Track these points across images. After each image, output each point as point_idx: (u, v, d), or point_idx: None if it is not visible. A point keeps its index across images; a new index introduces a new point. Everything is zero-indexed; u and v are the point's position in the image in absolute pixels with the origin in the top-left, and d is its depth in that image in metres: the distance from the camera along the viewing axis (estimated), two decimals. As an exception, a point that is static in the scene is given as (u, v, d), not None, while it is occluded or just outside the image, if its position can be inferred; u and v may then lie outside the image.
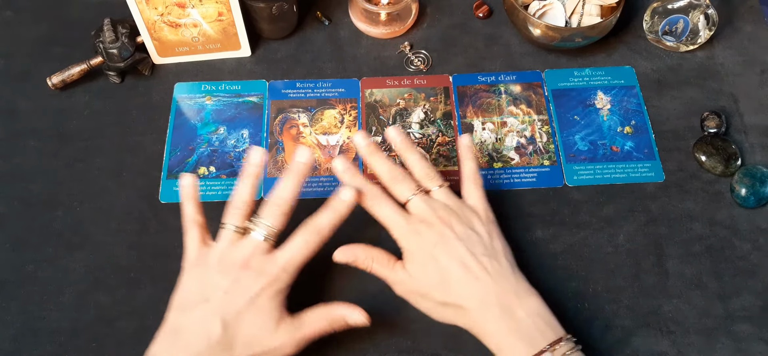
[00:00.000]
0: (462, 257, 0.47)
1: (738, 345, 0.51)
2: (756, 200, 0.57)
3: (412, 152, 0.53)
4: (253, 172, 0.49)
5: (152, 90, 0.65)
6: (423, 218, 0.49)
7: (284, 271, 0.46)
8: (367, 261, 0.50)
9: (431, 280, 0.48)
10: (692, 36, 0.66)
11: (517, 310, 0.45)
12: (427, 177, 0.51)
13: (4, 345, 0.51)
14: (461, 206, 0.50)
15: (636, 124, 0.63)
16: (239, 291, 0.45)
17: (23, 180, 0.59)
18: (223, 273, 0.45)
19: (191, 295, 0.46)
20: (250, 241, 0.47)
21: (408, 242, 0.49)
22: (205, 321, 0.44)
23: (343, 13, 0.70)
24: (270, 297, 0.45)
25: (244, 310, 0.44)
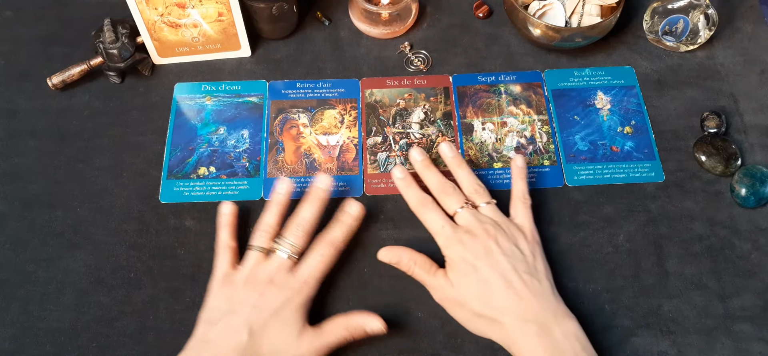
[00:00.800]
0: (504, 271, 0.48)
1: (738, 345, 0.51)
2: (756, 200, 0.57)
3: (463, 168, 0.55)
4: (280, 201, 0.53)
5: (152, 90, 0.65)
6: (468, 229, 0.50)
7: (306, 284, 0.49)
8: (409, 264, 0.51)
9: (470, 290, 0.48)
10: (692, 36, 0.66)
11: (555, 330, 0.46)
12: (476, 193, 0.53)
13: (5, 345, 0.51)
14: (508, 223, 0.52)
15: (636, 124, 0.63)
16: (265, 304, 0.47)
17: (23, 180, 0.59)
18: (250, 288, 0.48)
19: (219, 309, 0.48)
20: (275, 259, 0.50)
21: (451, 250, 0.50)
22: (232, 330, 0.46)
23: (343, 13, 0.70)
24: (294, 310, 0.48)
25: (270, 321, 0.47)
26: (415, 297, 0.53)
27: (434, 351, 0.51)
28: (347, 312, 0.50)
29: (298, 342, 0.47)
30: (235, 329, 0.46)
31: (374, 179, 0.59)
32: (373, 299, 0.53)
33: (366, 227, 0.57)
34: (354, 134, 0.62)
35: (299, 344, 0.47)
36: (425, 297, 0.53)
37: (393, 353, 0.51)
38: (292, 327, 0.47)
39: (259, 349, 0.46)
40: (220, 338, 0.46)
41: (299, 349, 0.47)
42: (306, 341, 0.47)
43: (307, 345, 0.47)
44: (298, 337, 0.47)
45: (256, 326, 0.46)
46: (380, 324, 0.49)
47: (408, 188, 0.54)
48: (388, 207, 0.58)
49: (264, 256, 0.50)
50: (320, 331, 0.48)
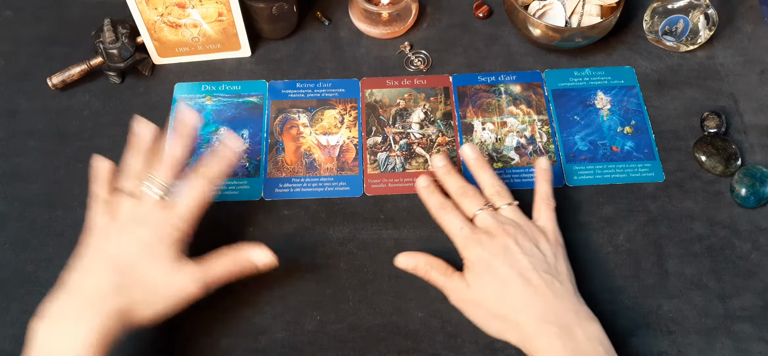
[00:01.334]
0: (523, 269, 0.47)
1: (738, 345, 0.51)
2: (756, 200, 0.57)
3: (485, 170, 0.54)
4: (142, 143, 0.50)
5: (152, 90, 0.65)
6: (487, 230, 0.50)
7: (180, 219, 0.47)
8: (426, 269, 0.51)
9: (488, 290, 0.48)
10: (692, 36, 0.66)
11: (578, 332, 0.45)
12: (498, 194, 0.52)
13: (5, 345, 0.51)
14: (529, 224, 0.51)
15: (636, 124, 0.63)
16: (134, 243, 0.46)
17: (23, 180, 0.59)
18: (122, 231, 0.47)
19: (88, 257, 0.46)
20: (145, 199, 0.47)
21: (469, 251, 0.49)
22: (98, 271, 0.45)
23: (343, 13, 0.70)
24: (167, 245, 0.46)
25: (139, 258, 0.46)
26: (415, 297, 0.53)
27: (434, 351, 0.51)
28: (235, 245, 0.48)
29: (175, 275, 0.46)
30: (103, 268, 0.45)
31: (374, 179, 0.59)
32: (374, 299, 0.53)
33: (366, 227, 0.57)
34: (354, 134, 0.62)
35: (175, 276, 0.46)
36: (425, 297, 0.53)
37: (393, 353, 0.51)
38: (165, 260, 0.46)
39: (127, 283, 0.45)
40: (83, 280, 0.45)
41: (176, 281, 0.46)
42: (186, 273, 0.46)
43: (188, 276, 0.46)
44: (173, 270, 0.46)
45: (123, 262, 0.45)
46: (269, 255, 0.48)
47: (430, 194, 0.54)
48: (388, 207, 0.58)
49: (134, 199, 0.48)
50: (203, 263, 0.47)
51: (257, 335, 0.52)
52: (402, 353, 0.51)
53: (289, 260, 0.55)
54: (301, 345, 0.51)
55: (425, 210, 0.57)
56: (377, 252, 0.55)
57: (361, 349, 0.51)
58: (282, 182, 0.59)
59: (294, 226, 0.57)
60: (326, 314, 0.53)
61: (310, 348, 0.51)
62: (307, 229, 0.57)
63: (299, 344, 0.51)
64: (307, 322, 0.52)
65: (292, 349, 0.51)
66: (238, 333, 0.52)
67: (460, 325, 0.52)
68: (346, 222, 0.57)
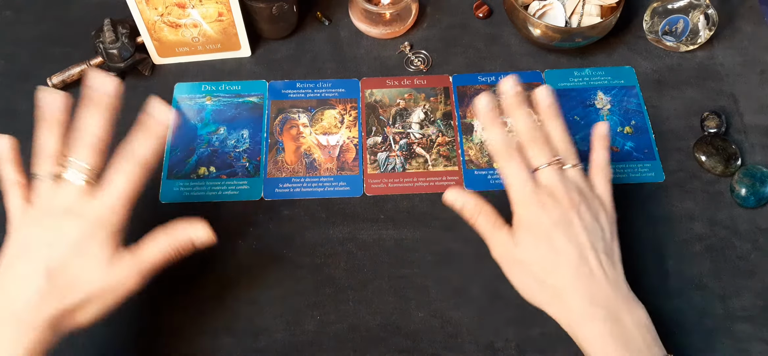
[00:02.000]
0: (582, 246, 0.44)
1: (738, 345, 0.51)
2: (756, 200, 0.57)
3: (558, 120, 0.49)
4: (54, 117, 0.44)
5: (152, 90, 0.64)
6: (552, 192, 0.45)
7: (111, 212, 0.42)
8: (474, 212, 0.47)
9: (538, 256, 0.45)
10: (692, 36, 0.66)
11: (625, 317, 0.43)
12: (567, 151, 0.48)
13: (5, 345, 0.51)
14: (591, 194, 0.47)
15: (636, 124, 0.63)
16: (62, 240, 0.41)
17: (23, 180, 0.59)
18: (46, 226, 0.42)
19: (13, 254, 0.42)
20: (69, 187, 0.42)
21: (527, 210, 0.45)
22: (27, 276, 0.41)
23: (343, 13, 0.70)
24: (99, 242, 0.42)
25: (70, 258, 0.41)
26: (415, 297, 0.53)
27: (434, 351, 0.51)
28: (169, 226, 0.44)
29: (109, 271, 0.42)
30: (30, 273, 0.40)
31: (374, 179, 0.59)
32: (373, 299, 0.53)
33: (366, 228, 0.57)
34: (354, 134, 0.62)
35: (111, 272, 0.42)
36: (425, 297, 0.53)
37: (393, 353, 0.51)
38: (97, 257, 0.41)
39: (62, 289, 0.40)
40: (14, 285, 0.41)
41: (112, 277, 0.42)
42: (120, 267, 0.42)
43: (121, 271, 0.42)
44: (108, 266, 0.42)
45: (53, 266, 0.40)
46: (207, 232, 0.44)
47: (493, 124, 0.47)
48: (388, 207, 0.58)
49: (54, 183, 0.43)
50: (138, 252, 0.43)
51: (257, 335, 0.52)
52: (402, 353, 0.51)
53: (290, 260, 0.55)
54: (301, 345, 0.51)
55: (426, 210, 0.58)
56: (377, 252, 0.55)
57: (361, 349, 0.51)
58: (282, 182, 0.59)
59: (294, 226, 0.57)
60: (326, 314, 0.53)
61: (310, 348, 0.51)
62: (307, 229, 0.57)
63: (299, 344, 0.51)
64: (307, 322, 0.52)
65: (292, 349, 0.51)
66: (238, 333, 0.52)
67: (460, 325, 0.52)
68: (346, 222, 0.57)
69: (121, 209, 0.43)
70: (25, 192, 0.44)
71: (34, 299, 0.40)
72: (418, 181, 0.59)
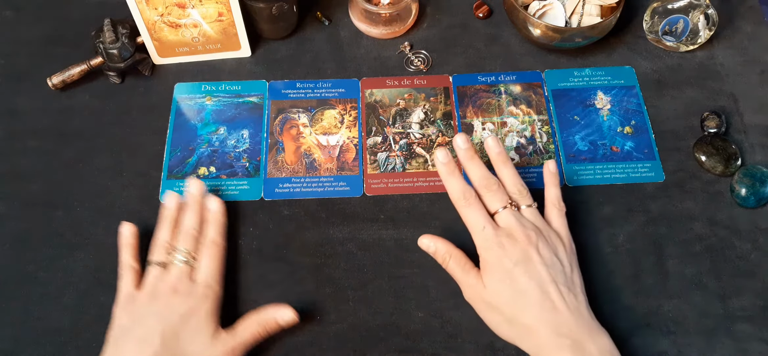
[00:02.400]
0: (542, 281, 0.47)
1: (738, 345, 0.51)
2: (756, 200, 0.57)
3: (507, 166, 0.52)
4: (171, 216, 0.53)
5: (152, 90, 0.65)
6: (510, 233, 0.48)
7: (208, 288, 0.50)
8: (445, 257, 0.50)
9: (504, 296, 0.47)
10: (692, 36, 0.66)
11: (590, 346, 0.45)
12: (519, 194, 0.51)
13: (5, 345, 0.51)
14: (548, 230, 0.50)
15: (636, 124, 0.63)
16: (172, 312, 0.47)
17: (23, 180, 0.59)
18: (155, 302, 0.48)
19: (126, 327, 0.48)
20: (173, 269, 0.50)
21: (490, 253, 0.48)
22: (144, 341, 0.46)
23: (343, 13, 0.70)
24: (203, 317, 0.48)
25: (180, 328, 0.47)
26: (415, 297, 0.53)
27: (434, 351, 0.51)
28: (259, 308, 0.50)
29: (213, 347, 0.48)
30: (146, 339, 0.46)
31: (374, 179, 0.59)
32: (373, 299, 0.53)
33: (366, 227, 0.57)
34: (354, 134, 0.62)
35: (214, 348, 0.47)
36: (425, 297, 0.53)
37: (393, 353, 0.51)
38: (203, 332, 0.48)
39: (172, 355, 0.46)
40: (132, 350, 0.46)
41: (214, 352, 0.47)
42: (220, 344, 0.48)
43: (221, 347, 0.48)
44: (211, 341, 0.48)
45: (167, 333, 0.46)
46: (291, 314, 0.49)
47: (451, 176, 0.51)
48: (388, 207, 0.58)
49: (163, 269, 0.50)
50: (233, 332, 0.49)
51: (257, 335, 0.52)
52: (402, 353, 0.51)
53: (290, 260, 0.55)
54: (301, 345, 0.51)
55: (426, 210, 0.58)
56: (377, 252, 0.55)
57: (361, 349, 0.51)
58: (282, 182, 0.59)
59: (294, 226, 0.57)
60: (326, 314, 0.53)
61: (310, 348, 0.51)
62: (307, 229, 0.57)
63: (299, 344, 0.51)
64: (307, 322, 0.52)
65: (292, 349, 0.51)
66: (238, 333, 0.52)
67: (460, 325, 0.52)
68: (346, 222, 0.57)
69: (215, 287, 0.50)
70: (135, 277, 0.51)
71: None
72: (418, 181, 0.59)
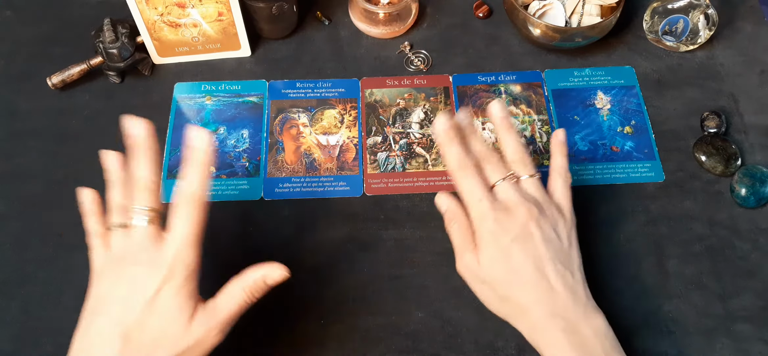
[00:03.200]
0: (539, 259, 0.45)
1: (738, 345, 0.51)
2: (756, 200, 0.57)
3: (511, 133, 0.49)
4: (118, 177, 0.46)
5: (152, 90, 0.65)
6: (508, 207, 0.46)
7: (179, 260, 0.41)
8: (451, 219, 0.48)
9: (499, 272, 0.45)
10: (692, 36, 0.66)
11: (584, 327, 0.44)
12: (521, 162, 0.48)
13: (5, 345, 0.51)
14: (549, 202, 0.48)
15: (636, 124, 0.63)
16: (136, 296, 0.40)
17: (23, 180, 0.59)
18: (118, 277, 0.42)
19: (92, 311, 0.42)
20: (136, 231, 0.42)
21: (485, 226, 0.46)
22: (104, 340, 0.40)
23: (343, 13, 0.70)
24: (172, 294, 0.40)
25: (146, 316, 0.40)
26: (414, 297, 0.53)
27: (434, 351, 0.51)
28: (241, 273, 0.44)
29: (190, 328, 0.41)
30: (106, 337, 0.40)
31: (374, 179, 0.59)
32: (373, 299, 0.53)
33: (366, 228, 0.57)
34: (354, 134, 0.62)
35: (191, 330, 0.41)
36: (425, 297, 0.53)
37: (393, 353, 0.51)
38: (175, 314, 0.40)
39: (138, 351, 0.40)
40: (92, 350, 0.40)
41: (193, 335, 0.41)
42: (199, 323, 0.41)
43: (201, 327, 0.41)
44: (187, 323, 0.41)
45: (129, 326, 0.40)
46: (281, 270, 0.44)
47: (450, 143, 0.47)
48: (388, 207, 0.58)
49: (124, 231, 0.43)
50: (214, 306, 0.42)
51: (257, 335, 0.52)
52: (402, 353, 0.51)
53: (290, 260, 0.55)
54: (302, 345, 0.51)
55: (426, 210, 0.58)
56: (377, 252, 0.55)
57: (361, 349, 0.51)
58: (282, 182, 0.59)
59: (294, 226, 0.57)
60: (326, 314, 0.53)
61: (311, 348, 0.51)
62: (307, 229, 0.57)
63: (299, 344, 0.51)
64: (307, 322, 0.52)
65: (292, 349, 0.51)
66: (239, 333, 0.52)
67: (460, 325, 0.52)
68: (346, 222, 0.57)
69: (189, 252, 0.41)
70: (105, 242, 0.44)
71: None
72: (418, 181, 0.59)
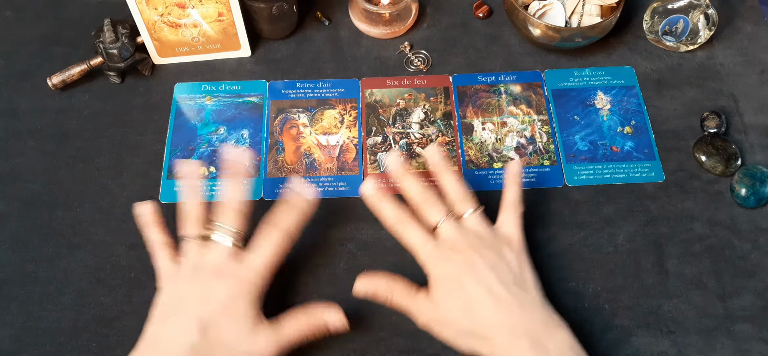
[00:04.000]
0: (490, 285, 0.46)
1: (738, 345, 0.51)
2: (756, 200, 0.57)
3: (448, 173, 0.51)
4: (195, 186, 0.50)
5: (152, 90, 0.65)
6: (452, 245, 0.48)
7: (257, 275, 0.46)
8: (386, 293, 0.49)
9: (456, 307, 0.46)
10: (692, 36, 0.66)
11: (547, 342, 0.44)
12: (462, 200, 0.50)
13: (5, 345, 0.51)
14: (493, 233, 0.49)
15: (636, 124, 0.63)
16: (213, 297, 0.44)
17: (23, 180, 0.59)
18: (197, 282, 0.45)
19: (167, 306, 0.46)
20: (216, 247, 0.46)
21: (436, 268, 0.47)
22: (181, 329, 0.44)
23: (343, 13, 0.70)
24: (246, 303, 0.45)
25: (220, 316, 0.44)
26: (415, 296, 0.53)
27: (434, 351, 0.51)
28: (307, 305, 0.47)
29: (253, 338, 0.44)
30: (184, 327, 0.43)
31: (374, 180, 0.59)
32: (373, 299, 0.53)
33: (366, 227, 0.57)
34: (354, 134, 0.62)
35: (255, 339, 0.44)
36: (425, 297, 0.53)
37: (393, 353, 0.51)
38: (244, 321, 0.44)
39: (210, 346, 0.43)
40: (169, 337, 0.44)
41: (255, 345, 0.44)
42: (262, 336, 0.45)
43: (263, 340, 0.45)
44: (252, 332, 0.44)
45: (206, 322, 0.44)
46: (341, 318, 0.46)
47: (381, 203, 0.50)
48: (388, 207, 0.58)
49: (202, 244, 0.47)
50: (278, 325, 0.46)
51: (257, 335, 0.52)
52: (402, 353, 0.51)
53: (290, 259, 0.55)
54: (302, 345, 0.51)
55: (425, 210, 0.58)
56: (377, 252, 0.55)
57: (361, 349, 0.51)
58: (282, 182, 0.59)
59: (294, 226, 0.57)
60: (326, 314, 0.53)
61: (311, 348, 0.51)
62: (307, 229, 0.57)
63: (299, 344, 0.51)
64: (307, 322, 0.52)
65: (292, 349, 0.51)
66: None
67: (460, 325, 0.52)
68: (346, 222, 0.57)
69: (266, 274, 0.46)
70: (172, 252, 0.48)
71: (185, 349, 0.42)
72: (418, 181, 0.59)
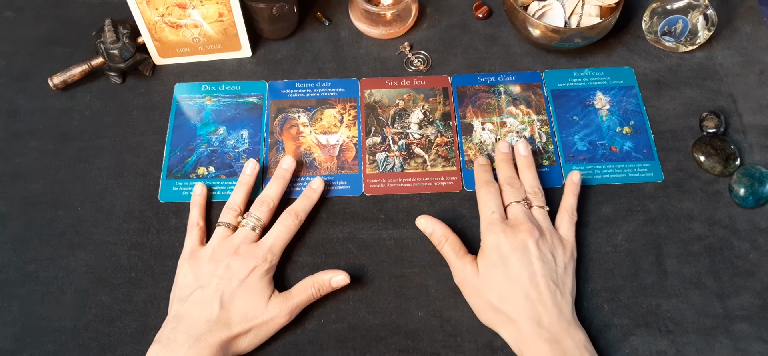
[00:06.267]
0: (533, 273, 0.49)
1: (737, 344, 0.51)
2: (755, 200, 0.57)
3: (530, 169, 0.56)
4: (247, 181, 0.56)
5: (153, 90, 0.65)
6: (515, 223, 0.51)
7: (270, 252, 0.52)
8: (441, 240, 0.53)
9: (495, 281, 0.49)
10: (691, 36, 0.66)
11: (566, 339, 0.47)
12: (535, 195, 0.54)
13: (6, 345, 0.51)
14: (553, 231, 0.53)
15: (635, 124, 0.63)
16: (231, 274, 0.50)
17: (24, 180, 0.59)
18: (216, 262, 0.51)
19: (188, 286, 0.50)
20: (239, 232, 0.53)
21: (490, 236, 0.51)
22: (204, 303, 0.49)
23: (343, 13, 0.70)
24: (259, 277, 0.50)
25: (237, 290, 0.49)
26: (415, 296, 0.53)
27: (434, 351, 0.51)
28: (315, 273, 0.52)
29: (267, 307, 0.50)
30: (206, 301, 0.49)
31: (373, 179, 0.60)
32: (374, 298, 0.53)
33: (366, 227, 0.57)
34: (353, 133, 0.62)
35: (268, 308, 0.50)
36: (425, 297, 0.53)
37: (393, 352, 0.51)
38: (259, 293, 0.50)
39: (229, 317, 0.48)
40: (193, 312, 0.48)
41: (269, 312, 0.50)
42: (274, 305, 0.50)
43: (275, 308, 0.50)
44: (265, 302, 0.50)
45: (225, 296, 0.49)
46: (344, 277, 0.51)
47: (483, 170, 0.56)
48: (388, 207, 0.58)
49: (230, 231, 0.53)
50: (288, 294, 0.51)
51: (257, 334, 0.52)
52: (402, 352, 0.51)
53: (290, 260, 0.55)
54: (302, 345, 0.51)
55: (425, 211, 0.58)
56: (377, 252, 0.56)
57: (361, 349, 0.51)
58: (282, 182, 0.59)
59: (294, 226, 0.57)
60: (326, 313, 0.53)
61: (310, 348, 0.51)
62: (307, 229, 0.57)
63: (299, 343, 0.51)
64: (307, 322, 0.52)
65: (292, 348, 0.51)
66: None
67: (460, 325, 0.52)
68: (346, 222, 0.57)
69: (277, 252, 0.52)
70: (201, 235, 0.54)
71: (212, 322, 0.48)
72: (417, 181, 0.59)
